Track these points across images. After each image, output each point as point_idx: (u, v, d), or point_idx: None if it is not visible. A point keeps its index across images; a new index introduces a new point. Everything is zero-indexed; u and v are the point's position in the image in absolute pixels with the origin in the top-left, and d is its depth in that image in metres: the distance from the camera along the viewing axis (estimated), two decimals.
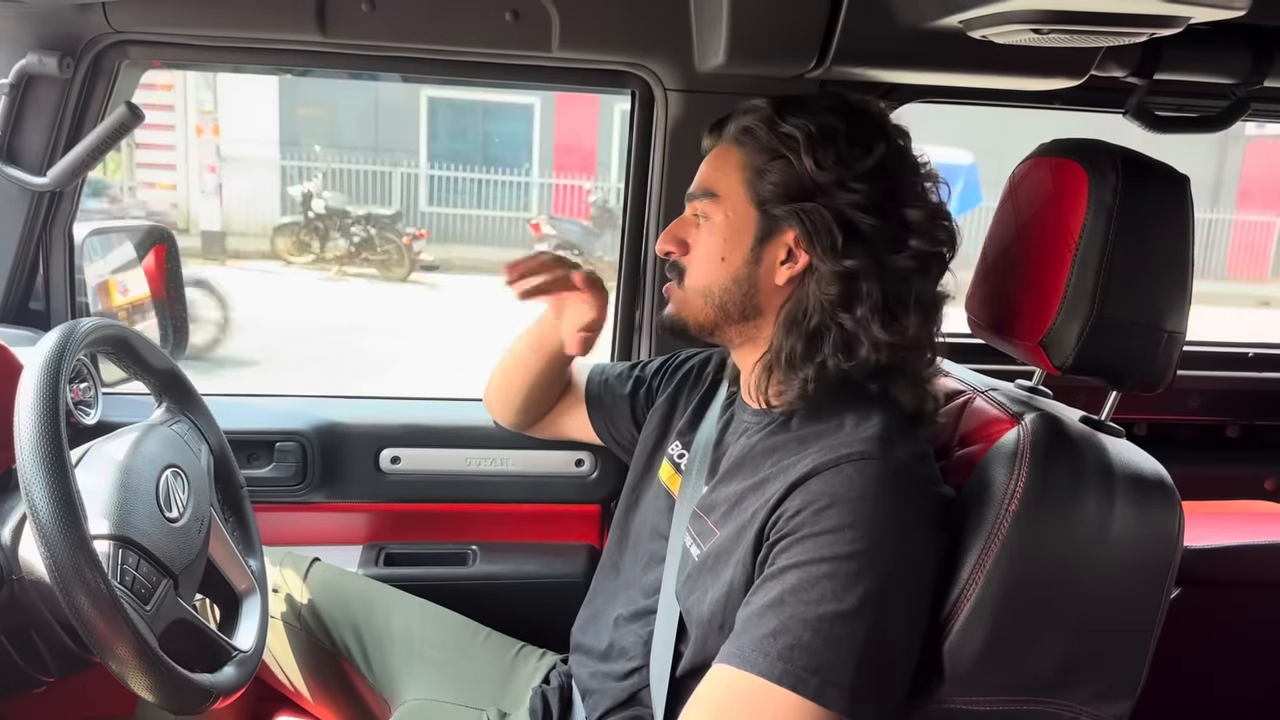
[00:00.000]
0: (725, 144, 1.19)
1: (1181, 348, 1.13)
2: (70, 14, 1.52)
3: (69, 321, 1.17)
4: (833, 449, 1.04)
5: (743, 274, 1.16)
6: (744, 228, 1.15)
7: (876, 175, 1.10)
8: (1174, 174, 1.12)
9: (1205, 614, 1.50)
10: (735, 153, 1.17)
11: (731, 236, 1.16)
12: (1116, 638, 1.07)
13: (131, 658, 0.99)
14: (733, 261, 1.16)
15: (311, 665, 1.56)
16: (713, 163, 1.20)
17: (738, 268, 1.16)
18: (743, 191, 1.15)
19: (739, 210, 1.15)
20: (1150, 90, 1.62)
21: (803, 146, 1.09)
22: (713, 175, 1.19)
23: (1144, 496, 1.06)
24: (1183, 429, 2.25)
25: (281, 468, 1.76)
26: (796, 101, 1.14)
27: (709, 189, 1.18)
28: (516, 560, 1.83)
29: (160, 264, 1.80)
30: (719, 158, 1.19)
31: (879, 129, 1.13)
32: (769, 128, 1.13)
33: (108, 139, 1.52)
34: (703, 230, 1.19)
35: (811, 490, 1.01)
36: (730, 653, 0.98)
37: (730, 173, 1.16)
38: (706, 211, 1.18)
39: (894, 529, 0.99)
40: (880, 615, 0.95)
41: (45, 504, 0.96)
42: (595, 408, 1.56)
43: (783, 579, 0.97)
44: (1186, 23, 1.03)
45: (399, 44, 1.60)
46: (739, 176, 1.15)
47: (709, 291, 1.18)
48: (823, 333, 1.11)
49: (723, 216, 1.16)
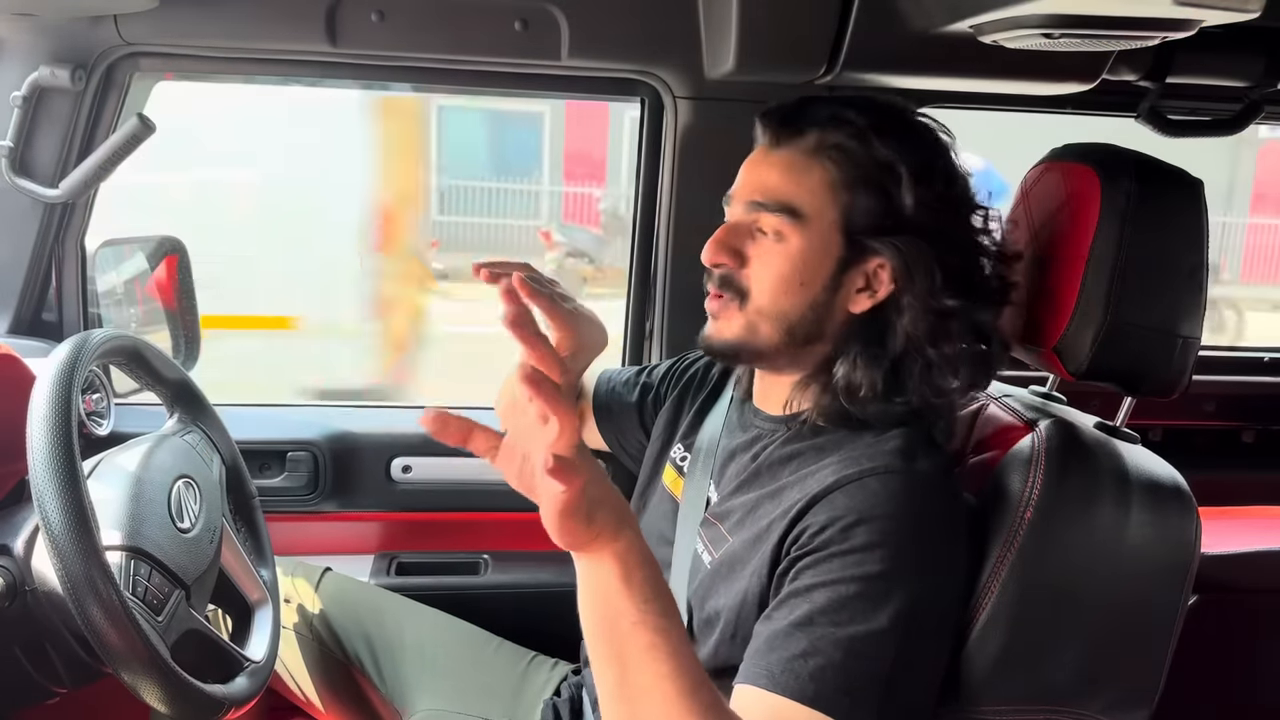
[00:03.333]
0: (805, 156, 1.09)
1: (1196, 353, 1.12)
2: (82, 27, 1.53)
3: (81, 333, 1.17)
4: (855, 461, 1.03)
5: (820, 300, 1.08)
6: (828, 252, 1.07)
7: (964, 211, 1.10)
8: (1187, 178, 1.11)
9: (1223, 621, 1.49)
10: (821, 169, 1.07)
11: (814, 260, 1.07)
12: (1133, 645, 1.06)
13: (144, 668, 0.99)
14: (813, 287, 1.08)
15: (324, 675, 1.56)
16: (788, 174, 1.09)
17: (817, 294, 1.08)
18: (832, 214, 1.07)
19: (825, 234, 1.07)
20: (1162, 94, 1.62)
21: (904, 178, 1.05)
22: (792, 190, 1.08)
23: (1160, 503, 1.05)
24: (1199, 435, 2.23)
25: (293, 477, 1.77)
26: (890, 119, 1.08)
27: (789, 205, 1.08)
28: (528, 569, 1.82)
29: (172, 275, 1.81)
30: (799, 170, 1.09)
31: (954, 159, 1.11)
32: (865, 148, 1.06)
33: (119, 151, 1.53)
34: (773, 248, 1.09)
35: (836, 505, 0.99)
36: (757, 672, 0.95)
37: (818, 192, 1.07)
38: (783, 231, 1.08)
39: (921, 545, 0.97)
40: (910, 633, 0.94)
41: (58, 515, 0.96)
42: (604, 418, 1.52)
43: (810, 598, 0.95)
44: (1199, 26, 1.03)
45: (409, 54, 1.61)
46: (828, 198, 1.07)
47: (783, 316, 1.09)
48: (907, 365, 1.07)
49: (806, 239, 1.07)
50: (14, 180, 1.56)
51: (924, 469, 1.02)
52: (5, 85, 1.56)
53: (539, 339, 0.82)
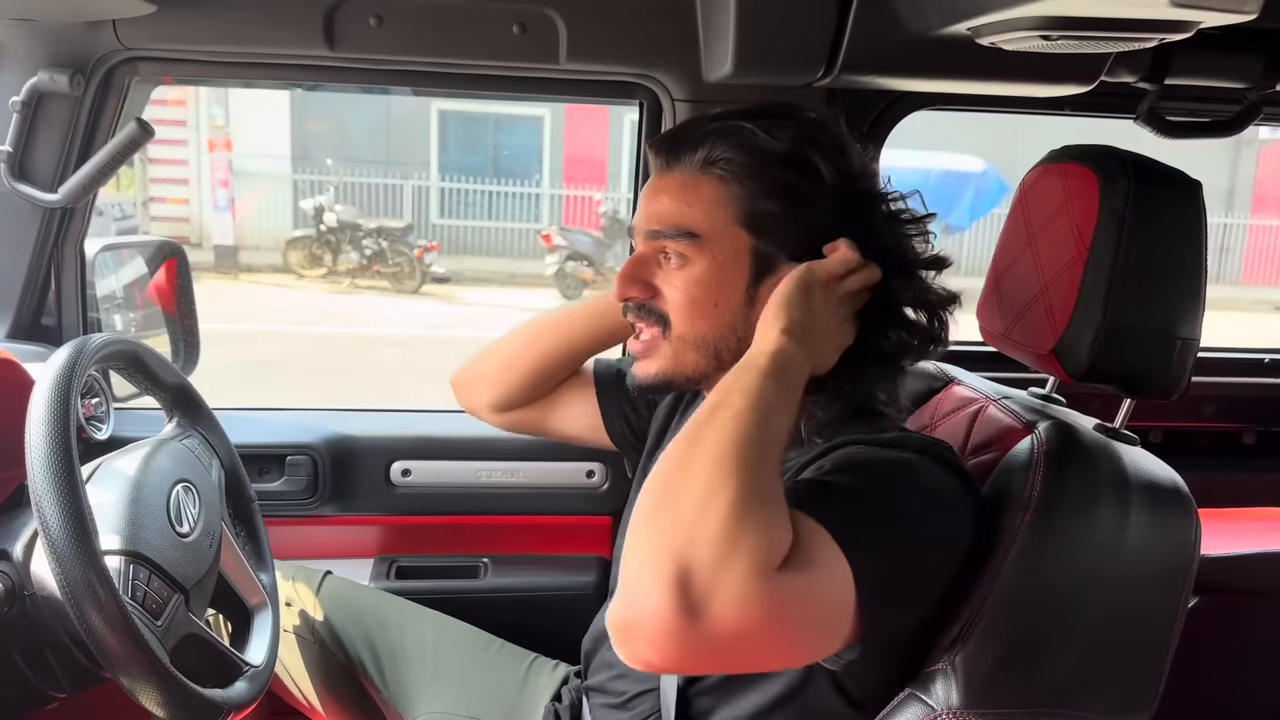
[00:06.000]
0: (694, 173, 1.08)
1: (1196, 354, 1.12)
2: (81, 32, 1.53)
3: (80, 337, 1.17)
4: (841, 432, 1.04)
5: (739, 318, 1.07)
6: (737, 268, 1.06)
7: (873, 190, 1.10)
8: (1186, 179, 1.11)
9: (1223, 623, 1.49)
10: (711, 185, 1.06)
11: (723, 280, 1.06)
12: (1133, 648, 1.06)
13: (143, 673, 0.99)
14: (727, 306, 1.07)
15: (325, 679, 1.56)
16: (678, 196, 1.08)
17: (734, 313, 1.07)
18: (733, 229, 1.06)
19: (728, 250, 1.06)
20: (1161, 95, 1.61)
21: (806, 174, 1.05)
22: (685, 212, 1.07)
23: (1160, 505, 1.05)
24: (1198, 436, 2.23)
25: (292, 481, 1.77)
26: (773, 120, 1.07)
27: (684, 228, 1.06)
28: (528, 572, 1.82)
29: (171, 279, 1.81)
30: (687, 191, 1.07)
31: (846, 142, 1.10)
32: (756, 155, 1.05)
33: (118, 155, 1.53)
34: (679, 274, 1.08)
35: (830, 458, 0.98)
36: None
37: (711, 209, 1.06)
38: (686, 254, 1.07)
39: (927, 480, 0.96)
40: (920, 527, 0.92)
41: (56, 520, 0.96)
42: (606, 393, 1.48)
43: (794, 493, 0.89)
44: (1197, 27, 1.03)
45: (408, 58, 1.61)
46: (724, 213, 1.06)
47: (704, 341, 1.08)
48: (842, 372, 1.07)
49: (709, 259, 1.06)
50: (13, 185, 1.56)
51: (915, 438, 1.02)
52: (4, 90, 1.56)
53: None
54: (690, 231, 1.06)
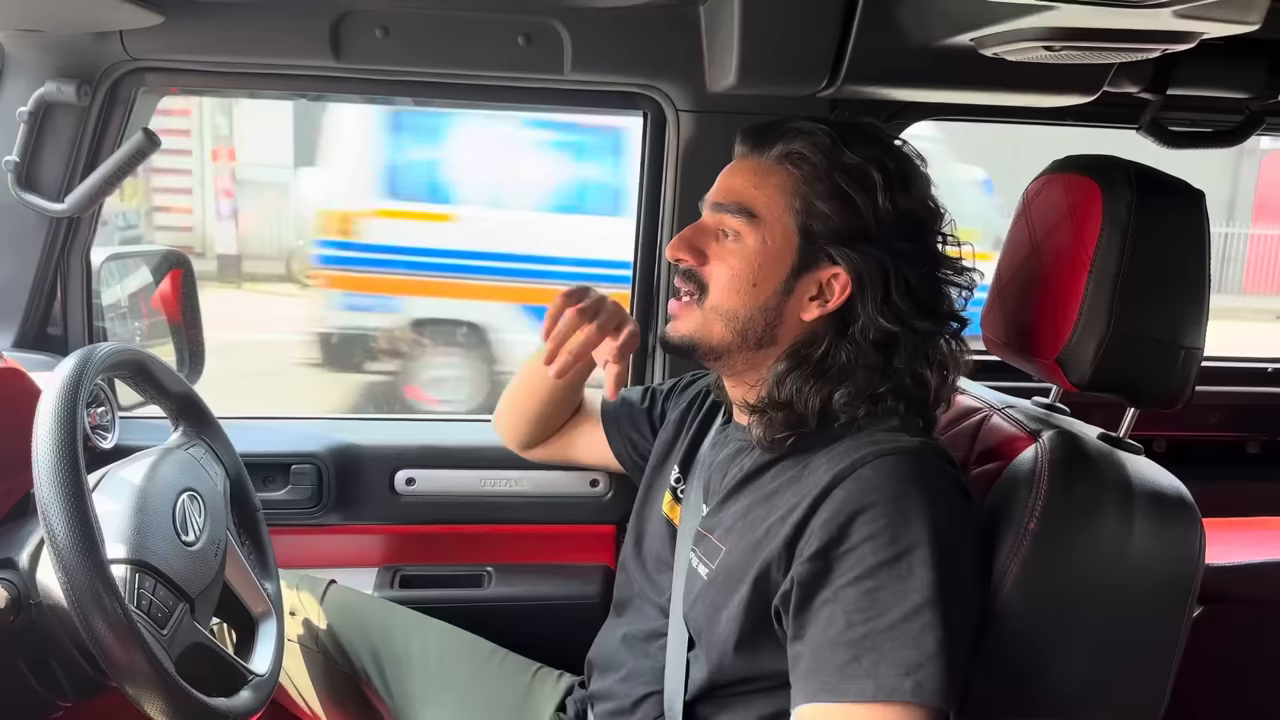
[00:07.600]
0: (770, 162, 1.13)
1: (1200, 363, 1.12)
2: (88, 42, 1.54)
3: (86, 346, 1.18)
4: (844, 455, 1.03)
5: (772, 304, 1.11)
6: (782, 256, 1.11)
7: (925, 227, 1.11)
8: (1189, 189, 1.11)
9: (1228, 632, 1.48)
10: (782, 175, 1.11)
11: (767, 263, 1.11)
12: (1138, 657, 1.06)
13: (148, 682, 0.99)
14: (764, 289, 1.11)
15: (329, 688, 1.55)
16: (751, 179, 1.13)
17: (768, 296, 1.11)
18: (788, 219, 1.10)
19: (779, 237, 1.11)
20: (1164, 106, 1.62)
21: (864, 188, 1.07)
22: (752, 193, 1.12)
23: (1164, 514, 1.05)
24: (1202, 445, 2.23)
25: (297, 490, 1.77)
26: (855, 134, 1.10)
27: (747, 206, 1.12)
28: (532, 582, 1.82)
29: (176, 288, 1.82)
30: (760, 175, 1.13)
31: (923, 177, 1.12)
32: (829, 159, 1.08)
33: (125, 165, 1.53)
34: (731, 248, 1.13)
35: (836, 501, 0.99)
36: (816, 689, 0.95)
37: (775, 196, 1.11)
38: (740, 231, 1.12)
39: (927, 514, 0.97)
40: (945, 595, 0.94)
41: (63, 529, 0.96)
42: (613, 426, 1.54)
43: (840, 601, 0.96)
44: (1199, 38, 1.03)
45: (412, 69, 1.62)
46: (785, 202, 1.10)
47: (734, 316, 1.13)
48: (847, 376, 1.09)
49: (760, 240, 1.11)
50: (20, 194, 1.57)
51: (909, 443, 1.03)
52: (12, 100, 1.57)
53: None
54: (750, 210, 1.12)
